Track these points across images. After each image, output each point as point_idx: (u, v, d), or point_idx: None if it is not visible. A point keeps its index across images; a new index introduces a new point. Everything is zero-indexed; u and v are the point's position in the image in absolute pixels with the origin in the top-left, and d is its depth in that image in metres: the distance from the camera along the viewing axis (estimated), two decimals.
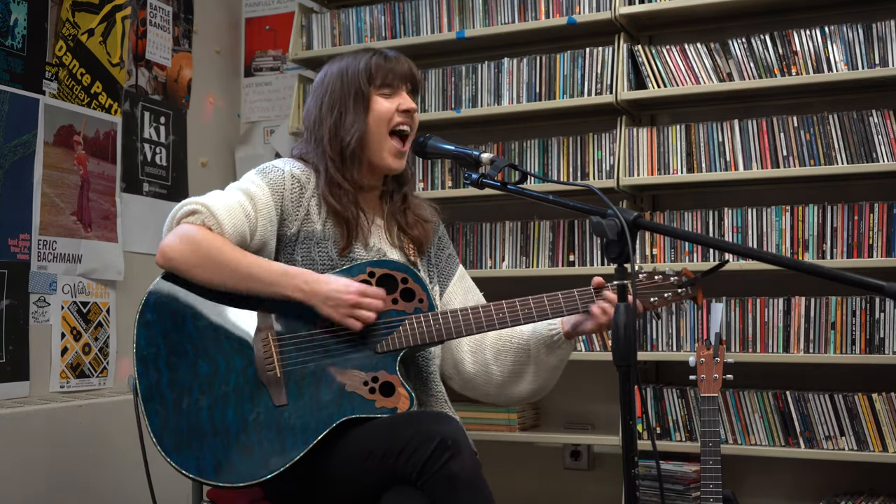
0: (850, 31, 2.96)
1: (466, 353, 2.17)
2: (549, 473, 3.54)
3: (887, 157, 2.90)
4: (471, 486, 1.73)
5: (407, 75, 2.11)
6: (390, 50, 2.15)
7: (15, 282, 2.94)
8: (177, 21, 3.71)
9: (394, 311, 1.96)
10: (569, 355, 2.13)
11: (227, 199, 1.97)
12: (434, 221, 2.23)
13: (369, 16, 3.60)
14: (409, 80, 2.12)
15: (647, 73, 3.19)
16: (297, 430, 1.84)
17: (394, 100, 2.09)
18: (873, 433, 2.89)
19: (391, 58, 2.11)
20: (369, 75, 2.07)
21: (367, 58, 2.10)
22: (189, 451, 1.82)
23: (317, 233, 2.04)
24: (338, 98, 2.08)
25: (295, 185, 2.05)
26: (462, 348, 2.17)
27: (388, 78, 2.08)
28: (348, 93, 2.07)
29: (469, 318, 1.97)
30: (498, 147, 3.42)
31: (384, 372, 1.91)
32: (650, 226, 1.65)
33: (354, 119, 2.06)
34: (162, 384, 1.86)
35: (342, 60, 2.13)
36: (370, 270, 1.97)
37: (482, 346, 2.17)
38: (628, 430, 1.55)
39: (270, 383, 1.87)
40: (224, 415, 1.84)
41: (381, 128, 2.07)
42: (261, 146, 3.98)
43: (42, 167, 3.04)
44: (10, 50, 2.96)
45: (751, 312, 3.05)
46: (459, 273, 2.25)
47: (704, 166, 3.12)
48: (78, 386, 3.15)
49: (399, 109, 2.08)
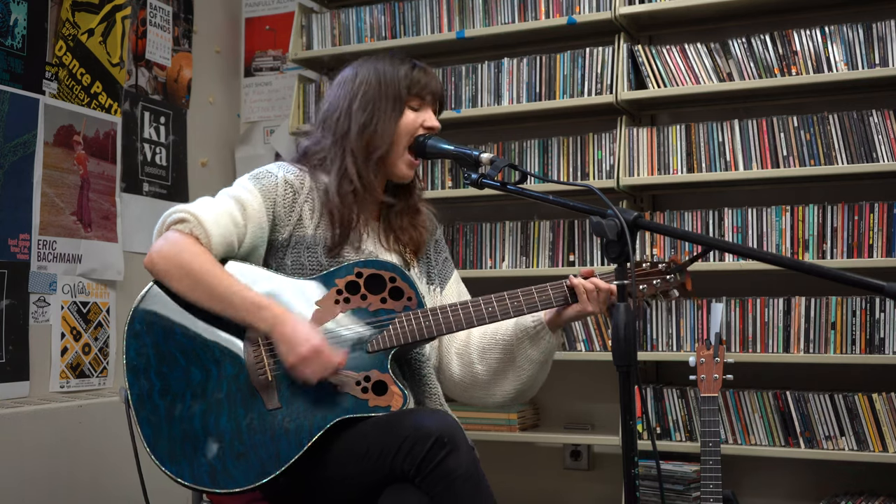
0: (850, 31, 2.96)
1: (454, 356, 2.17)
2: (549, 473, 3.54)
3: (887, 157, 2.90)
4: (469, 481, 1.73)
5: (438, 94, 2.13)
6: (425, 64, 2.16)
7: (15, 282, 2.95)
8: (177, 21, 3.71)
9: (383, 310, 1.96)
10: (554, 349, 2.12)
11: (216, 208, 1.96)
12: (430, 226, 2.23)
13: (369, 16, 3.60)
14: (439, 98, 2.14)
15: (647, 73, 3.19)
16: (292, 433, 1.83)
17: (420, 114, 2.09)
18: (873, 433, 2.89)
19: (429, 73, 2.12)
20: (409, 85, 2.07)
21: (407, 67, 2.10)
22: (184, 459, 1.82)
23: (307, 238, 2.03)
24: (373, 99, 2.07)
25: (288, 191, 2.04)
26: (450, 351, 2.17)
27: (423, 92, 2.09)
28: (386, 97, 2.06)
29: (458, 313, 1.97)
30: (498, 147, 3.42)
31: (376, 371, 1.91)
32: (650, 226, 1.65)
33: (388, 125, 2.06)
34: (154, 393, 1.85)
35: (377, 62, 2.12)
36: (357, 271, 1.97)
37: (468, 348, 2.16)
38: (628, 430, 1.55)
39: (262, 388, 1.87)
40: (217, 421, 1.84)
41: (402, 140, 2.07)
42: (261, 146, 3.98)
43: (42, 167, 3.04)
44: (10, 50, 2.96)
45: (751, 312, 3.05)
46: (455, 277, 2.26)
47: (704, 166, 3.12)
48: (78, 386, 3.16)
49: (423, 125, 2.08)
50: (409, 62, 2.12)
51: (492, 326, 2.13)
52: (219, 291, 1.89)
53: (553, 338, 2.09)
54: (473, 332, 2.17)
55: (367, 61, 2.13)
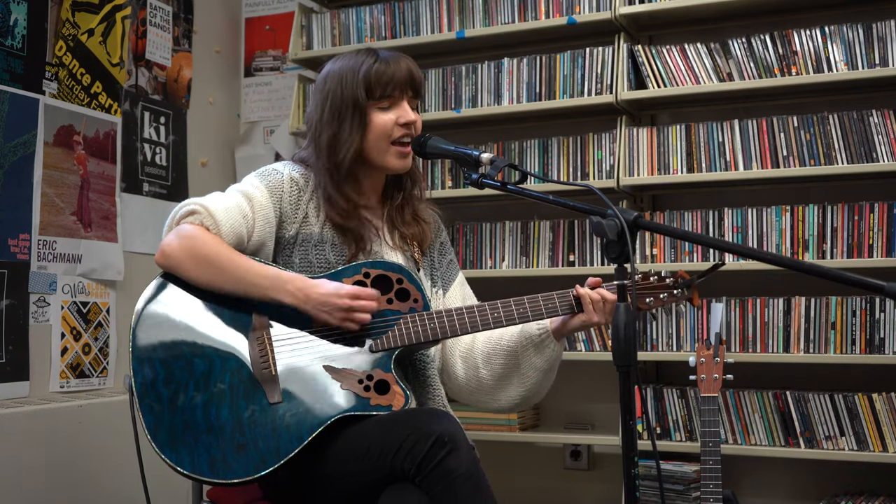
0: (850, 31, 2.96)
1: (458, 359, 2.17)
2: (549, 473, 3.54)
3: (887, 157, 2.90)
4: (469, 481, 1.73)
5: (406, 81, 2.04)
6: (390, 52, 2.08)
7: (15, 282, 2.94)
8: (177, 21, 3.71)
9: (388, 310, 1.96)
10: (558, 358, 2.11)
11: (226, 201, 1.98)
12: (434, 224, 2.22)
13: (369, 16, 3.60)
14: (409, 85, 2.05)
15: (647, 73, 3.19)
16: (292, 428, 1.84)
17: (393, 111, 2.04)
18: (873, 433, 2.89)
19: (391, 62, 2.04)
20: (367, 88, 2.01)
21: (367, 65, 2.03)
22: (184, 447, 1.82)
23: (314, 235, 2.04)
24: (337, 109, 2.03)
25: (293, 189, 2.05)
26: (454, 354, 2.18)
27: (388, 89, 2.02)
28: (346, 105, 2.02)
29: (464, 318, 1.97)
30: (498, 147, 3.42)
31: (379, 370, 1.92)
32: (650, 226, 1.65)
33: (350, 134, 2.02)
34: (157, 382, 1.86)
35: (342, 62, 2.08)
36: (365, 271, 1.97)
37: (472, 352, 2.16)
38: (628, 430, 1.55)
39: (265, 381, 1.88)
40: (219, 412, 1.85)
41: (381, 143, 2.04)
42: (261, 146, 3.98)
43: (42, 167, 3.04)
44: (10, 50, 2.96)
45: (751, 312, 3.05)
46: (459, 279, 2.26)
47: (704, 166, 3.12)
48: (78, 386, 3.15)
49: (399, 123, 2.04)
50: (373, 56, 2.05)
51: (496, 332, 2.14)
52: (238, 273, 1.90)
53: (558, 346, 2.09)
54: (478, 337, 2.17)
55: (336, 62, 2.09)
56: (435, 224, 2.24)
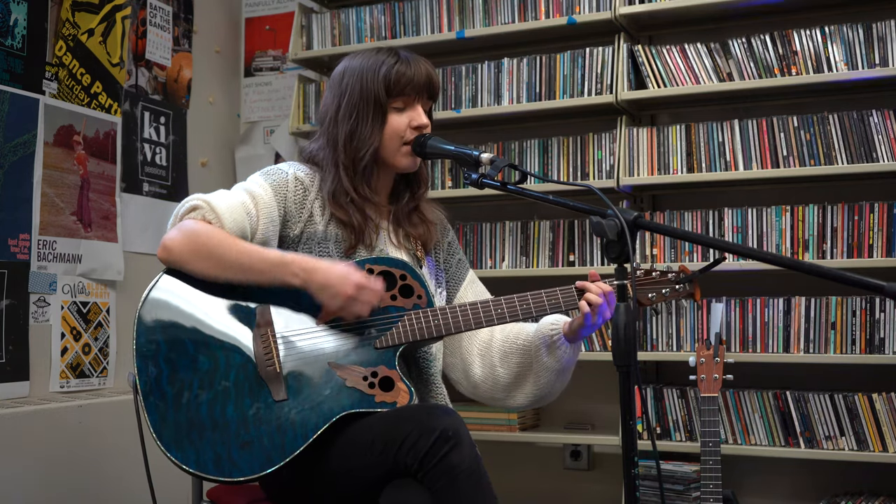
0: (850, 31, 2.96)
1: (476, 357, 2.18)
2: (549, 473, 3.54)
3: (887, 157, 2.90)
4: (471, 477, 1.74)
5: (424, 85, 2.07)
6: (409, 52, 2.10)
7: (15, 282, 2.95)
8: (177, 21, 3.71)
9: (392, 307, 1.97)
10: (571, 360, 2.12)
11: (230, 198, 1.99)
12: (440, 224, 2.23)
13: (369, 16, 3.60)
14: (426, 89, 2.08)
15: (647, 73, 3.19)
16: (297, 425, 1.84)
17: (407, 114, 2.07)
18: (873, 433, 2.89)
19: (411, 64, 2.07)
20: (388, 87, 2.04)
21: (388, 65, 2.05)
22: (189, 445, 1.82)
23: (318, 233, 2.05)
24: (356, 105, 2.05)
25: (298, 188, 2.05)
26: (472, 352, 2.18)
27: (406, 90, 2.05)
28: (367, 102, 2.05)
29: (468, 314, 1.98)
30: (498, 147, 3.42)
31: (383, 367, 1.92)
32: (650, 226, 1.65)
33: (371, 131, 2.05)
34: (161, 380, 1.86)
35: (362, 59, 2.09)
36: (369, 268, 1.98)
37: (490, 350, 2.17)
38: (628, 430, 1.55)
39: (270, 379, 1.88)
40: (224, 410, 1.85)
41: (393, 142, 2.06)
42: (261, 146, 3.98)
43: (42, 167, 3.04)
44: (10, 50, 2.96)
45: (751, 312, 3.05)
46: (470, 277, 2.26)
47: (704, 166, 3.12)
48: (78, 386, 3.16)
49: (412, 126, 2.06)
50: (394, 56, 2.07)
51: (514, 330, 2.15)
52: (242, 261, 1.90)
53: (570, 349, 2.10)
54: (496, 335, 2.18)
55: (355, 59, 2.11)
56: (441, 224, 2.25)
